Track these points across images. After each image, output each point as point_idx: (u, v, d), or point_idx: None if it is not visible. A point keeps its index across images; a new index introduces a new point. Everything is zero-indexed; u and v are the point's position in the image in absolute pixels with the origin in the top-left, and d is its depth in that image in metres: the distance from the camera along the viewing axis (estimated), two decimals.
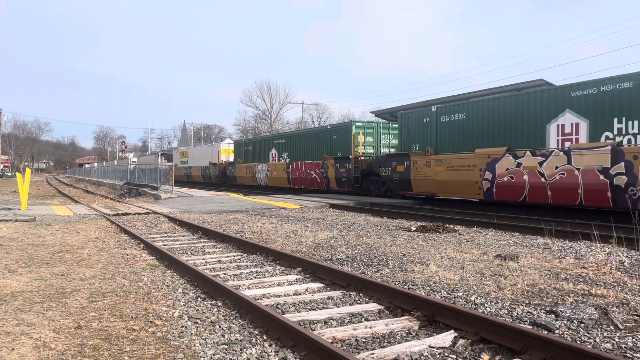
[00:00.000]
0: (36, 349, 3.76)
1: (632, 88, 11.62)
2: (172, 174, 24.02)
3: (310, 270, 6.47)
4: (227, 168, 35.04)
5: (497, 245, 8.45)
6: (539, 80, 19.97)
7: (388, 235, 9.59)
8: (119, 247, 8.65)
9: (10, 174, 69.13)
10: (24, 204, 15.96)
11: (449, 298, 5.13)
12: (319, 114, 78.29)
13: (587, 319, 4.38)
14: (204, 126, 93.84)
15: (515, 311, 4.66)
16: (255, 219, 12.70)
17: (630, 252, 7.71)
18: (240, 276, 6.42)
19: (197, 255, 7.99)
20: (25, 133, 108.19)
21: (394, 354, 3.64)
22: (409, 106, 22.17)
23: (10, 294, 5.39)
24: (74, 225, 11.89)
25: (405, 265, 6.74)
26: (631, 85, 11.65)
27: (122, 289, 5.64)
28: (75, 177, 67.90)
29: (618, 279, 5.88)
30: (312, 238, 9.22)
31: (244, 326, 4.36)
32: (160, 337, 4.05)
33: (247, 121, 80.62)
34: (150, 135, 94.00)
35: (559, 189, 12.70)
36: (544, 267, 6.52)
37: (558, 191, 12.75)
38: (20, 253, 7.95)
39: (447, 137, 16.29)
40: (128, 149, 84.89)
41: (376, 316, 4.69)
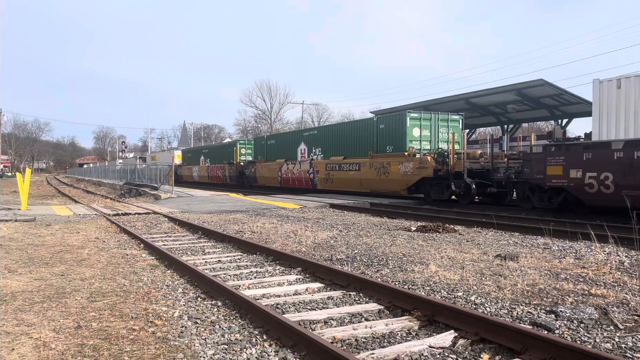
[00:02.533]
0: (36, 349, 3.76)
1: (316, 134, 25.30)
2: (172, 174, 24.02)
3: (310, 270, 6.47)
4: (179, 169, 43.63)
5: (497, 245, 8.45)
6: (539, 80, 19.88)
7: (388, 235, 9.59)
8: (119, 247, 8.65)
9: (10, 174, 69.14)
10: (24, 204, 15.96)
11: (449, 298, 5.13)
12: (319, 114, 78.33)
13: (587, 319, 4.38)
14: (203, 126, 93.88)
15: (515, 311, 4.66)
16: (255, 219, 12.70)
17: (630, 252, 7.71)
18: (240, 276, 6.42)
19: (197, 255, 7.99)
20: (25, 133, 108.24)
21: (394, 354, 3.64)
22: (409, 106, 22.18)
23: (10, 294, 5.39)
24: (74, 225, 11.89)
25: (405, 265, 6.74)
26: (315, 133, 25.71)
27: (122, 289, 5.64)
28: (75, 177, 67.90)
29: (618, 279, 5.88)
30: (312, 238, 9.22)
31: (244, 326, 4.36)
32: (160, 337, 4.05)
33: (247, 121, 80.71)
34: (150, 135, 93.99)
35: (297, 179, 25.75)
36: (544, 267, 6.52)
37: (298, 181, 25.71)
38: (20, 253, 7.95)
39: (268, 153, 29.38)
40: (128, 149, 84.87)
41: (376, 316, 4.69)
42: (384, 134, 19.73)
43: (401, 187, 18.31)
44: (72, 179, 62.94)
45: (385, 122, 19.85)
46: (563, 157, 12.55)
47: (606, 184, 11.43)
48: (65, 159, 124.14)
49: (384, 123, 19.87)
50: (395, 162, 18.40)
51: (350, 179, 21.12)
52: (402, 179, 18.05)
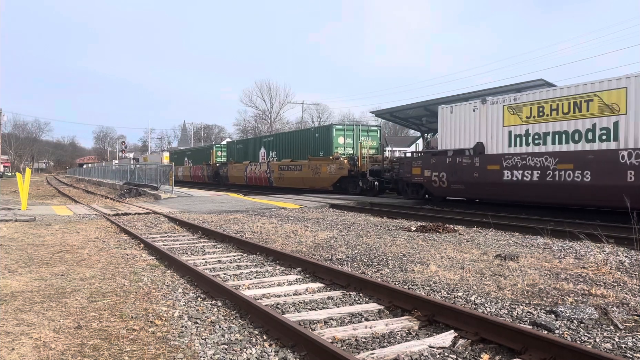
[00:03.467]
0: (36, 349, 3.76)
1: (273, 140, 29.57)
2: (172, 174, 24.03)
3: (310, 270, 6.47)
4: None
5: (497, 245, 8.45)
6: (539, 80, 19.96)
7: (388, 235, 9.59)
8: (119, 247, 8.65)
9: (10, 174, 69.13)
10: (24, 204, 15.96)
11: (449, 298, 5.13)
12: (319, 114, 78.39)
13: (587, 319, 4.38)
14: (203, 126, 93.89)
15: (515, 311, 4.66)
16: (255, 219, 12.71)
17: (630, 252, 7.71)
18: (240, 276, 6.42)
19: (197, 255, 7.99)
20: (25, 133, 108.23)
21: (394, 354, 3.64)
22: (409, 106, 22.22)
23: (10, 294, 5.39)
24: (74, 225, 11.89)
25: (405, 265, 6.74)
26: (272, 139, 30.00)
27: (122, 289, 5.64)
28: (75, 177, 67.90)
29: (618, 279, 5.88)
30: (312, 238, 9.22)
31: (244, 326, 4.36)
32: (160, 337, 4.05)
33: (247, 121, 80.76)
34: (150, 135, 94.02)
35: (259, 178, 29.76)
36: (544, 267, 6.52)
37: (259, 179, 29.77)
38: (20, 253, 7.96)
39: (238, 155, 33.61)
40: (128, 149, 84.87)
41: (376, 316, 4.69)
42: (318, 141, 24.26)
43: (328, 184, 22.98)
44: (72, 179, 62.94)
45: (319, 132, 24.73)
46: (420, 161, 17.52)
47: (443, 180, 16.40)
48: (65, 159, 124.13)
49: (319, 133, 24.66)
50: (324, 164, 23.11)
51: (295, 178, 25.58)
52: (329, 177, 22.78)
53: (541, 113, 13.62)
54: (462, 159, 15.63)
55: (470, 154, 15.43)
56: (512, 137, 14.36)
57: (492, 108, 15.08)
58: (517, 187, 13.99)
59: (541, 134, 13.64)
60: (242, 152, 32.99)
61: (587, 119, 12.54)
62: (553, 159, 13.12)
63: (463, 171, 15.56)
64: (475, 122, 15.54)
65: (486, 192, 15.24)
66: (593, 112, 12.44)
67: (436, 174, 16.55)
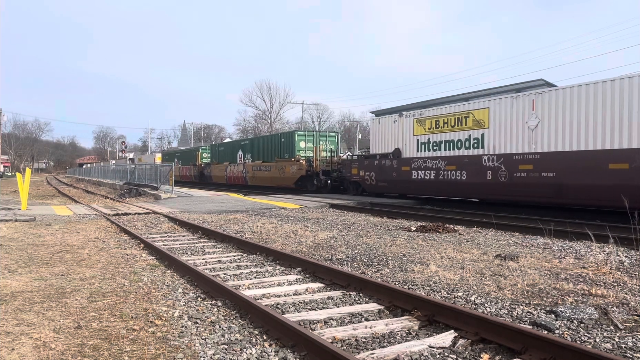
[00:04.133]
0: (36, 349, 3.76)
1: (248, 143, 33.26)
2: (172, 174, 24.03)
3: (310, 270, 6.47)
4: None
5: (497, 245, 8.45)
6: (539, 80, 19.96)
7: (388, 235, 9.59)
8: (119, 247, 8.65)
9: (10, 174, 69.12)
10: (24, 204, 15.96)
11: (449, 298, 5.13)
12: (319, 114, 78.42)
13: (587, 319, 4.38)
14: (203, 126, 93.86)
15: (515, 311, 4.66)
16: (255, 219, 12.70)
17: (630, 252, 7.71)
18: (240, 276, 6.42)
19: (197, 255, 7.99)
20: (25, 133, 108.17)
21: (394, 354, 3.64)
22: (409, 106, 22.29)
23: (10, 294, 5.39)
24: (74, 225, 11.89)
25: (405, 265, 6.74)
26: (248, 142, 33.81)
27: (122, 289, 5.64)
28: (75, 177, 67.89)
29: (618, 279, 5.88)
30: (312, 238, 9.22)
31: (244, 326, 4.36)
32: (160, 337, 4.05)
33: (247, 121, 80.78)
34: (150, 135, 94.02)
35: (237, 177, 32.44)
36: (544, 267, 6.52)
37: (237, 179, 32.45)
38: (20, 253, 7.95)
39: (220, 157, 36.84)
40: (128, 149, 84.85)
41: (376, 316, 4.69)
42: (284, 145, 27.70)
43: (291, 182, 26.11)
44: (72, 179, 62.93)
45: (285, 137, 28.32)
46: (357, 163, 21.45)
47: (372, 178, 20.04)
48: (65, 159, 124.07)
49: (284, 138, 28.27)
50: (288, 165, 26.34)
51: (266, 177, 28.94)
52: (291, 177, 25.96)
53: (438, 125, 17.34)
54: (385, 161, 19.40)
55: (390, 157, 19.14)
56: (419, 144, 18.07)
57: (406, 120, 18.73)
58: (421, 184, 17.66)
59: (437, 142, 17.31)
60: (223, 154, 36.34)
61: (465, 131, 16.26)
62: (444, 162, 16.77)
63: (386, 171, 19.28)
64: (395, 132, 19.25)
65: (402, 188, 19.11)
66: (469, 126, 16.12)
67: (368, 174, 20.32)
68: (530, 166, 13.97)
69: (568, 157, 13.07)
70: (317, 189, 24.49)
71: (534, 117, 14.13)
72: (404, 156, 18.53)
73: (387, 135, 19.63)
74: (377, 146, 20.29)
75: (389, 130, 19.61)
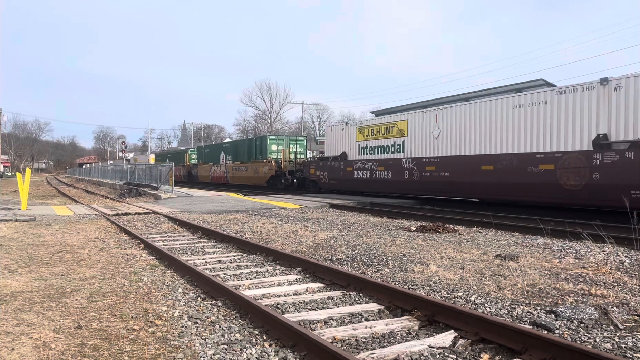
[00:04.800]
0: (36, 349, 3.76)
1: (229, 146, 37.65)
2: (172, 174, 24.03)
3: (310, 270, 6.47)
4: None
5: (497, 245, 8.45)
6: (539, 80, 19.96)
7: (388, 235, 9.58)
8: (119, 247, 8.65)
9: (10, 174, 69.10)
10: (24, 204, 15.96)
11: (449, 298, 5.13)
12: (319, 114, 78.43)
13: (587, 319, 4.38)
14: (203, 126, 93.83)
15: (515, 311, 4.66)
16: (255, 219, 12.70)
17: (630, 252, 7.71)
18: (240, 276, 6.42)
19: (197, 255, 7.99)
20: (25, 133, 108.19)
21: (394, 354, 3.64)
22: (409, 106, 22.33)
23: (10, 294, 5.39)
24: (74, 225, 11.89)
25: (405, 265, 6.74)
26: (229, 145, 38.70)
27: (122, 289, 5.64)
28: (75, 177, 67.88)
29: (618, 279, 5.88)
30: (312, 238, 9.22)
31: (244, 326, 4.36)
32: (160, 337, 4.05)
33: (247, 121, 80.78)
34: (150, 135, 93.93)
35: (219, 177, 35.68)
36: (544, 267, 6.52)
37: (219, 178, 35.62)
38: (20, 253, 7.95)
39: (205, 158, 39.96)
40: (128, 149, 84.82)
41: (376, 316, 4.69)
42: (258, 148, 31.04)
43: (263, 181, 29.34)
44: (72, 179, 62.92)
45: (259, 141, 31.65)
46: (314, 164, 24.89)
47: (325, 177, 23.41)
48: (65, 159, 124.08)
49: (259, 141, 31.63)
50: (261, 166, 29.60)
51: (243, 176, 32.16)
52: (264, 176, 29.21)
53: (373, 133, 20.71)
54: (335, 162, 22.68)
55: (339, 159, 22.46)
56: (359, 148, 21.37)
57: (351, 129, 22.09)
58: (361, 182, 21.00)
59: (372, 147, 20.67)
60: (208, 155, 39.65)
61: (391, 138, 19.65)
62: (376, 164, 20.17)
63: (335, 171, 22.63)
64: (342, 138, 22.55)
65: (347, 185, 22.20)
66: (394, 135, 19.50)
67: (322, 173, 23.66)
68: (433, 167, 17.33)
69: (457, 160, 16.38)
70: (285, 187, 27.39)
71: (437, 128, 17.38)
72: (349, 159, 21.97)
73: (337, 141, 23.00)
74: (330, 150, 23.70)
75: (338, 136, 22.93)
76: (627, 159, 11.71)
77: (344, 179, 22.02)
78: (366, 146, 20.95)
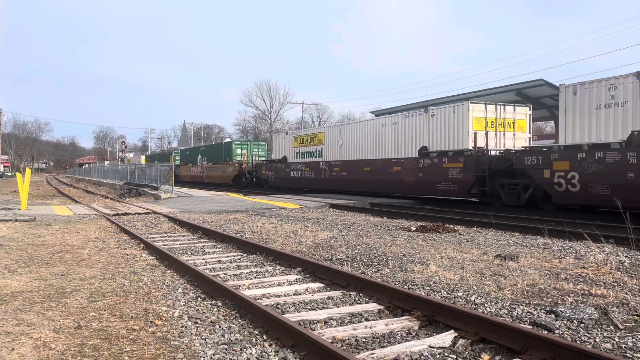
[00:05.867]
0: (36, 349, 3.76)
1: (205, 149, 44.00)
2: (172, 174, 24.03)
3: (310, 270, 6.47)
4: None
5: (497, 245, 8.45)
6: (539, 80, 19.93)
7: (388, 235, 9.58)
8: (119, 247, 8.65)
9: (10, 174, 69.10)
10: (24, 204, 15.96)
11: (449, 298, 5.13)
12: (319, 114, 78.39)
13: (587, 319, 4.38)
14: (203, 126, 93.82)
15: (515, 311, 4.66)
16: (255, 219, 12.70)
17: (630, 252, 7.71)
18: (240, 276, 6.42)
19: (197, 255, 7.99)
20: (25, 133, 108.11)
21: (394, 354, 3.64)
22: (409, 106, 22.40)
23: (10, 294, 5.39)
24: (74, 225, 11.89)
25: (405, 265, 6.74)
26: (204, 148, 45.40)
27: (122, 289, 5.64)
28: (75, 177, 67.87)
29: (618, 279, 5.88)
30: (312, 238, 9.22)
31: (244, 326, 4.36)
32: (160, 337, 4.05)
33: (247, 121, 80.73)
34: (150, 135, 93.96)
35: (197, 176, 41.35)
36: (544, 267, 6.52)
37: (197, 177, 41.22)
38: (20, 253, 7.95)
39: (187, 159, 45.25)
40: (128, 149, 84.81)
41: (376, 316, 4.69)
42: (225, 151, 36.67)
43: (229, 180, 34.25)
44: (72, 179, 62.91)
45: (226, 146, 37.91)
46: (265, 166, 30.37)
47: (272, 176, 28.93)
48: (65, 159, 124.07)
49: (226, 146, 37.71)
50: (228, 167, 34.82)
51: (214, 176, 37.26)
52: (229, 175, 34.36)
53: (304, 142, 26.41)
54: (279, 164, 28.27)
55: (281, 162, 28.01)
56: (295, 153, 27.04)
57: (289, 137, 28.05)
58: (295, 180, 26.42)
59: (303, 152, 26.32)
60: (189, 157, 45.33)
61: (314, 146, 25.19)
62: (304, 166, 25.62)
63: (279, 171, 28.12)
64: (284, 145, 28.29)
65: (287, 183, 27.30)
66: (316, 143, 25.09)
67: (270, 173, 29.26)
68: (338, 169, 22.84)
69: (351, 163, 22.00)
70: (246, 184, 32.37)
71: (341, 139, 23.01)
72: (288, 161, 27.45)
73: (281, 147, 28.74)
74: (276, 154, 30.06)
75: (281, 143, 28.76)
76: (436, 163, 17.09)
77: (284, 177, 27.49)
78: (299, 152, 26.57)
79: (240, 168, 33.24)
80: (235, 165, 33.66)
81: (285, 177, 27.24)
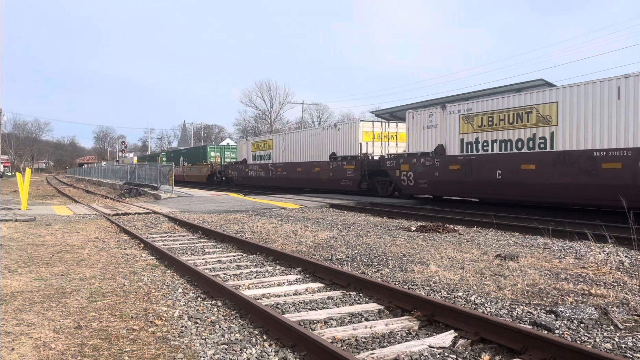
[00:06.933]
0: (36, 349, 3.76)
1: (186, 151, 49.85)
2: (172, 174, 24.03)
3: (310, 270, 6.47)
4: None
5: (497, 245, 8.45)
6: (539, 80, 19.96)
7: (388, 235, 9.58)
8: (119, 247, 8.65)
9: (10, 174, 69.11)
10: (23, 204, 15.96)
11: (449, 298, 5.13)
12: (319, 114, 78.39)
13: (587, 319, 4.38)
14: (203, 126, 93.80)
15: (515, 311, 4.66)
16: (255, 219, 12.70)
17: (630, 252, 7.71)
18: (240, 276, 6.42)
19: (197, 255, 7.99)
20: (25, 133, 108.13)
21: (394, 354, 3.64)
22: (408, 106, 22.38)
23: (10, 293, 5.39)
24: (74, 225, 11.89)
25: (405, 265, 6.74)
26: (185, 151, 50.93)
27: (122, 289, 5.64)
28: (75, 177, 67.88)
29: (618, 278, 5.88)
30: (312, 238, 9.22)
31: (244, 326, 4.36)
32: (160, 337, 4.05)
33: (247, 121, 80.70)
34: (150, 135, 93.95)
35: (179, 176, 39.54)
36: (544, 267, 6.52)
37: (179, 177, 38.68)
38: (20, 253, 7.95)
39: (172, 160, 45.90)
40: (128, 149, 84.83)
41: (376, 316, 4.69)
42: (202, 154, 42.31)
43: (204, 179, 39.39)
44: (72, 179, 62.91)
45: (203, 149, 43.43)
46: (231, 167, 36.27)
47: (236, 175, 34.98)
48: (65, 159, 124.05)
49: (202, 149, 43.48)
50: (203, 167, 40.33)
51: (192, 175, 42.32)
52: (204, 175, 39.73)
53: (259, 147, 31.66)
54: (241, 166, 33.84)
55: (243, 163, 33.48)
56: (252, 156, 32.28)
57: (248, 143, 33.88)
58: (252, 179, 31.86)
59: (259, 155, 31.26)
60: (173, 158, 48.99)
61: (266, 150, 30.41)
62: (258, 167, 31.09)
63: (241, 171, 33.68)
64: (245, 149, 33.91)
65: (247, 182, 32.86)
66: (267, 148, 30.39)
67: (235, 173, 34.91)
68: (281, 169, 28.27)
69: (289, 164, 27.30)
70: (217, 183, 37.48)
71: (283, 145, 28.28)
72: (248, 163, 32.93)
73: (243, 151, 34.40)
74: (240, 157, 35.18)
75: (243, 148, 34.68)
76: (339, 165, 22.87)
77: (244, 176, 33.18)
78: (255, 155, 31.95)
79: (213, 168, 39.16)
80: (209, 166, 39.58)
81: (245, 176, 33.04)
